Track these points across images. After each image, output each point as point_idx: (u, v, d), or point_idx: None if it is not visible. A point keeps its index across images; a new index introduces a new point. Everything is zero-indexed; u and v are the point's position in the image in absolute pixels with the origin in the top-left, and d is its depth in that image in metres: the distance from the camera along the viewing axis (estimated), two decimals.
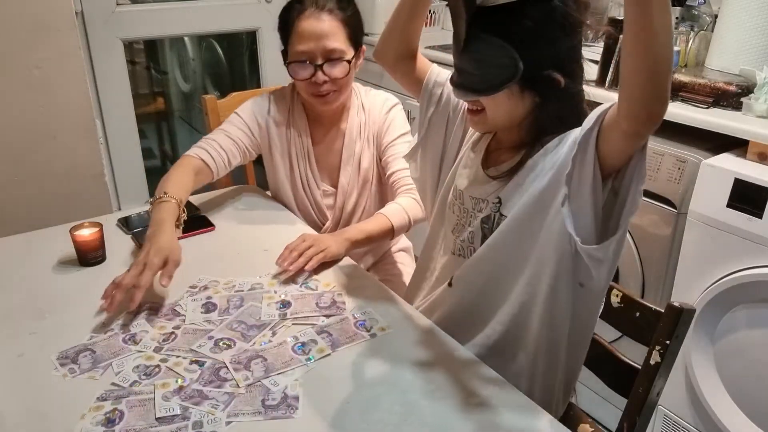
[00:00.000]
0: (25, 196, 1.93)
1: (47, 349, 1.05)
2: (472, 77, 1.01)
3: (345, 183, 1.58)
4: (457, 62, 1.03)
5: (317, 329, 1.10)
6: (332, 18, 1.43)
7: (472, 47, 0.99)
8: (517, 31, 0.95)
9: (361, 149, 1.57)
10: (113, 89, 2.53)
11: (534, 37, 0.96)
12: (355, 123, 1.57)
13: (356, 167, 1.58)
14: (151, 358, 1.03)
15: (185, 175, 1.41)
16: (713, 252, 1.56)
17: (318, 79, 1.44)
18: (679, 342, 1.03)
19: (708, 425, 1.65)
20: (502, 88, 0.98)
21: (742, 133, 1.54)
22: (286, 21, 1.47)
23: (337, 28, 1.44)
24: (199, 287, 1.22)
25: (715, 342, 1.61)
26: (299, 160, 1.58)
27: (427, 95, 1.23)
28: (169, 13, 2.64)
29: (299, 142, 1.57)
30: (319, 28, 1.42)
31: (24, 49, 1.83)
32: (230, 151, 1.50)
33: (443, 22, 2.95)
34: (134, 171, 2.67)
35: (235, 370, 0.99)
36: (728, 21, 1.80)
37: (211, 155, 1.47)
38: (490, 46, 0.97)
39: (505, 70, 0.97)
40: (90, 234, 1.29)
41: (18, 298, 1.20)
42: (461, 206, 1.17)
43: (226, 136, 1.51)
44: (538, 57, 0.96)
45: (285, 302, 1.18)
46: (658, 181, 1.66)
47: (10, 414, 0.91)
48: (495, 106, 1.03)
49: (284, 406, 0.93)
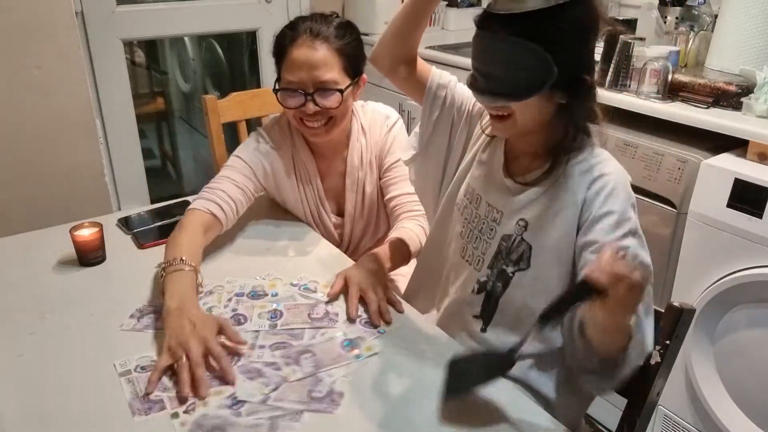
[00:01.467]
0: (25, 196, 1.93)
1: (47, 349, 1.06)
2: (502, 82, 0.98)
3: (351, 210, 1.52)
4: (481, 67, 1.00)
5: (301, 348, 1.06)
6: (327, 47, 1.34)
7: (501, 52, 0.97)
8: (553, 34, 0.94)
9: (365, 175, 1.50)
10: (113, 89, 2.53)
11: (568, 39, 0.96)
12: (356, 149, 1.49)
13: (361, 194, 1.51)
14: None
15: (196, 235, 1.27)
16: (713, 252, 1.56)
17: (308, 110, 1.36)
18: (679, 342, 1.03)
19: (708, 425, 1.65)
20: (536, 92, 0.97)
21: (742, 133, 1.54)
22: (279, 47, 1.39)
23: (332, 57, 1.35)
24: (205, 292, 1.22)
25: (715, 342, 1.61)
26: (308, 195, 1.50)
27: (430, 98, 1.20)
28: (169, 13, 2.64)
29: (305, 173, 1.49)
30: (311, 57, 1.34)
31: (24, 49, 1.83)
32: (239, 201, 1.38)
33: (443, 22, 2.95)
34: (134, 171, 2.67)
35: (286, 364, 1.01)
36: (728, 21, 1.80)
37: (221, 207, 1.33)
38: (524, 50, 0.95)
39: (539, 73, 0.95)
40: (90, 234, 1.29)
41: (18, 298, 1.20)
42: (475, 210, 1.15)
43: (233, 184, 1.38)
44: (570, 59, 0.96)
45: (277, 312, 1.16)
46: (658, 181, 1.66)
47: (10, 414, 0.91)
48: (525, 110, 1.00)
49: (328, 401, 0.94)
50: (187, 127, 3.79)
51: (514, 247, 1.09)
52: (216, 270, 1.28)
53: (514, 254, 1.09)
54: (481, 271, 1.14)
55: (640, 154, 1.69)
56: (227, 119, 1.81)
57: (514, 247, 1.09)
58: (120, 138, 2.59)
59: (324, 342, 1.08)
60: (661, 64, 1.72)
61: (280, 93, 1.38)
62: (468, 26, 1.79)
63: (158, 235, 1.43)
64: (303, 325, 1.12)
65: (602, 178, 1.02)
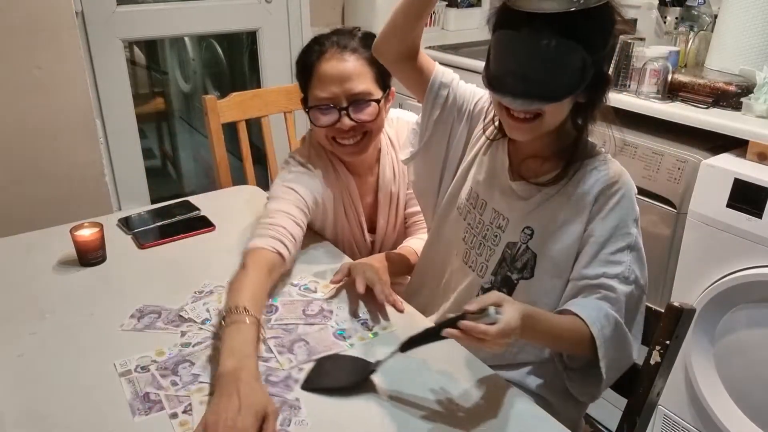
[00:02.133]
0: (25, 196, 1.93)
1: (47, 349, 1.06)
2: (541, 84, 0.94)
3: (383, 225, 1.46)
4: (515, 68, 0.96)
5: (295, 336, 1.08)
6: (357, 57, 1.27)
7: (546, 52, 0.93)
8: (592, 34, 0.94)
9: (398, 189, 1.45)
10: (113, 89, 2.53)
11: (603, 38, 0.96)
12: (388, 163, 1.42)
13: (394, 208, 1.46)
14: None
15: (261, 278, 1.13)
16: (713, 252, 1.56)
17: (344, 126, 1.27)
18: (679, 342, 1.03)
19: (708, 425, 1.65)
20: (574, 92, 0.96)
21: (741, 133, 1.54)
22: (305, 64, 1.31)
23: (363, 67, 1.27)
24: (205, 292, 1.21)
25: (715, 342, 1.61)
26: (350, 218, 1.43)
27: (432, 97, 1.17)
28: (169, 13, 2.64)
29: (346, 194, 1.40)
30: (342, 69, 1.26)
31: (24, 49, 1.83)
32: (298, 237, 1.26)
33: (443, 23, 2.95)
34: (134, 171, 2.67)
35: (279, 353, 1.04)
36: (728, 21, 1.80)
37: (286, 246, 1.21)
38: (568, 50, 0.93)
39: (578, 73, 0.94)
40: (90, 234, 1.29)
41: (18, 298, 1.20)
42: (479, 216, 1.14)
43: (292, 220, 1.25)
44: (602, 57, 0.97)
45: (273, 307, 1.16)
46: (658, 181, 1.66)
47: (10, 414, 0.91)
48: (557, 111, 0.99)
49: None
50: (187, 127, 3.79)
51: (519, 255, 1.09)
52: (217, 270, 1.28)
53: (519, 262, 1.09)
54: (484, 278, 1.13)
55: (640, 154, 1.69)
56: (227, 119, 1.81)
57: (519, 255, 1.09)
58: (120, 138, 2.59)
59: (317, 332, 1.10)
60: (661, 64, 1.72)
61: (312, 112, 1.30)
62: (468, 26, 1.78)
63: (158, 235, 1.43)
64: (297, 321, 1.13)
65: (611, 188, 1.03)
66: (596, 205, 1.03)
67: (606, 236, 1.02)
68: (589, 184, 1.03)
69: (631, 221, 1.03)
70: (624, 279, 1.01)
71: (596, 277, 1.01)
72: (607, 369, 0.98)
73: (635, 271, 1.02)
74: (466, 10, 2.93)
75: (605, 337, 0.97)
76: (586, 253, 1.03)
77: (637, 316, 1.05)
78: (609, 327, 0.98)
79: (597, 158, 1.05)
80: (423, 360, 1.03)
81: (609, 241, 1.02)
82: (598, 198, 1.03)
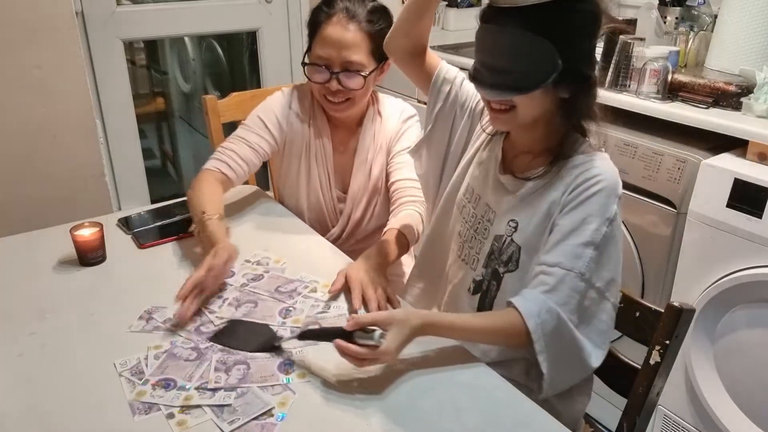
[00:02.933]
0: (25, 196, 1.93)
1: (47, 349, 1.06)
2: (509, 75, 0.99)
3: (356, 189, 1.56)
4: (487, 60, 1.02)
5: (240, 357, 1.03)
6: (358, 29, 1.40)
7: (510, 44, 0.98)
8: (559, 28, 0.95)
9: (373, 157, 1.55)
10: (113, 89, 2.53)
11: (575, 33, 0.97)
12: (369, 130, 1.54)
13: (367, 174, 1.55)
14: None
15: (213, 189, 1.39)
16: (713, 252, 1.56)
17: (332, 87, 1.42)
18: (679, 342, 1.03)
19: (708, 425, 1.65)
20: (541, 85, 0.98)
21: (741, 133, 1.54)
22: (314, 22, 1.44)
23: (362, 40, 1.40)
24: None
25: (715, 342, 1.61)
26: (318, 161, 1.54)
27: (435, 91, 1.23)
28: (169, 13, 2.64)
29: (319, 144, 1.54)
30: (342, 37, 1.39)
31: (24, 49, 1.83)
32: (250, 161, 1.47)
33: (443, 22, 2.95)
34: (134, 171, 2.67)
35: (215, 370, 1.00)
36: (728, 21, 1.80)
37: (231, 167, 1.44)
38: (531, 43, 0.96)
39: (544, 66, 0.96)
40: (90, 234, 1.29)
41: (18, 298, 1.20)
42: (473, 210, 1.16)
43: (246, 144, 1.48)
44: (575, 53, 0.97)
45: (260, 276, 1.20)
46: (657, 181, 1.66)
47: (10, 413, 0.92)
48: (528, 103, 1.01)
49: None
50: (187, 127, 3.78)
51: (505, 248, 1.10)
52: None
53: (505, 255, 1.10)
54: (476, 271, 1.15)
55: (639, 154, 1.69)
56: (227, 119, 1.81)
57: (505, 248, 1.10)
58: (120, 138, 2.59)
59: (263, 359, 1.03)
60: (661, 64, 1.72)
61: (308, 67, 1.44)
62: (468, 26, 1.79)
63: (158, 235, 1.43)
64: (266, 294, 1.19)
65: (588, 182, 1.01)
66: (570, 196, 1.02)
67: (571, 227, 1.00)
68: (570, 179, 1.03)
69: (601, 219, 1.00)
70: (579, 275, 0.98)
71: (552, 265, 1.00)
72: (549, 366, 0.97)
73: (593, 271, 0.99)
74: (466, 10, 2.93)
75: (545, 332, 0.96)
76: (549, 241, 1.02)
77: (596, 321, 1.01)
78: (551, 322, 0.97)
79: (587, 155, 1.04)
80: (421, 358, 1.03)
81: (573, 233, 1.00)
82: (574, 190, 1.02)
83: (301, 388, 0.97)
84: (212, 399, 0.94)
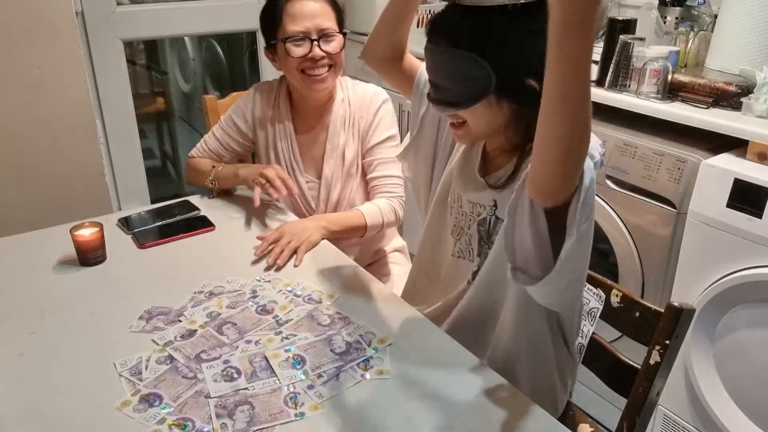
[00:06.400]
0: (25, 196, 1.93)
1: (47, 349, 1.06)
2: (447, 92, 1.01)
3: (329, 174, 1.59)
4: (431, 77, 1.04)
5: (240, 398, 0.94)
6: (322, 1, 1.50)
7: (443, 63, 1.00)
8: (486, 43, 0.95)
9: (345, 141, 1.58)
10: (113, 89, 2.53)
11: (504, 47, 0.95)
12: (339, 115, 1.57)
13: (340, 159, 1.58)
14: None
15: (209, 160, 1.64)
16: (713, 252, 1.56)
17: (315, 55, 1.48)
18: (679, 342, 1.03)
19: (708, 425, 1.65)
20: (478, 101, 0.99)
21: (741, 133, 1.54)
22: (272, 10, 1.50)
23: (327, 8, 1.51)
24: (204, 293, 1.21)
25: (715, 342, 1.61)
26: (283, 149, 1.60)
27: (418, 95, 1.22)
28: (169, 13, 2.64)
29: (282, 131, 1.60)
30: (312, 7, 1.48)
31: (24, 49, 1.83)
32: (218, 154, 1.65)
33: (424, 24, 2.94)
34: (134, 171, 2.67)
35: (217, 416, 0.91)
36: (728, 21, 1.80)
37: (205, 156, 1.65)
38: (462, 61, 0.97)
39: (478, 82, 0.97)
40: (90, 234, 1.29)
41: (18, 298, 1.20)
42: (459, 209, 1.17)
43: (216, 139, 1.65)
44: (511, 66, 0.96)
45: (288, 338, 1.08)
46: (657, 181, 1.66)
47: (10, 414, 0.92)
48: (475, 117, 1.03)
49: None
50: (187, 127, 3.78)
51: (491, 228, 1.10)
52: (217, 270, 1.29)
53: (494, 236, 1.10)
54: (474, 262, 1.16)
55: (639, 154, 1.69)
56: None
57: (491, 228, 1.10)
58: (120, 138, 2.59)
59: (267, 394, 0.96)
60: (661, 64, 1.72)
61: (288, 43, 1.48)
62: None
63: (158, 235, 1.43)
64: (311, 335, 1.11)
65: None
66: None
67: (522, 210, 0.95)
68: None
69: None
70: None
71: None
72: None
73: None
74: None
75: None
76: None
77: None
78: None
79: None
80: (419, 357, 1.03)
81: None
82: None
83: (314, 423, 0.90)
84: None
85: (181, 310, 1.16)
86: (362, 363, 1.02)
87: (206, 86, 3.67)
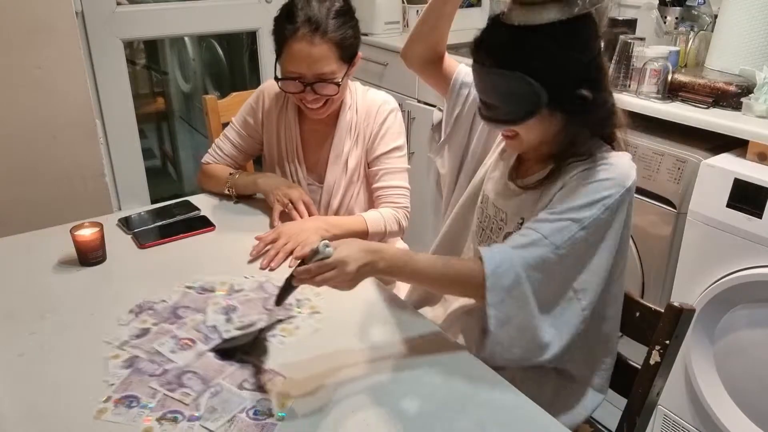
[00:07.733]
0: (25, 197, 1.93)
1: (47, 349, 1.06)
2: (498, 110, 1.02)
3: (331, 180, 1.57)
4: (481, 96, 1.04)
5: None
6: (324, 41, 1.37)
7: (491, 82, 1.01)
8: (533, 61, 0.95)
9: (350, 149, 1.56)
10: (113, 89, 2.53)
11: (551, 63, 0.96)
12: (346, 122, 1.55)
13: (343, 166, 1.56)
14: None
15: (224, 166, 1.63)
16: (713, 252, 1.56)
17: (307, 98, 1.44)
18: (679, 342, 1.03)
19: (708, 425, 1.65)
20: (530, 117, 0.99)
21: (741, 133, 1.54)
22: (279, 36, 1.42)
23: (330, 51, 1.39)
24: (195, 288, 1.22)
25: (714, 342, 1.61)
26: (288, 151, 1.59)
27: (454, 95, 1.24)
28: (169, 13, 2.64)
29: (288, 134, 1.58)
30: (310, 53, 1.37)
31: (24, 49, 1.83)
32: (232, 156, 1.64)
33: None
34: (134, 171, 2.67)
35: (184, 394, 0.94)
36: (728, 21, 1.80)
37: (216, 160, 1.64)
38: (510, 80, 0.97)
39: (529, 99, 0.97)
40: (90, 234, 1.29)
41: (18, 298, 1.20)
42: (485, 211, 1.18)
43: (229, 141, 1.64)
44: (560, 80, 0.97)
45: (231, 307, 1.16)
46: (657, 181, 1.66)
47: (10, 414, 0.92)
48: (528, 131, 1.03)
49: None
50: (187, 127, 3.79)
51: None
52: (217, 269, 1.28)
53: None
54: None
55: (640, 154, 1.69)
56: (227, 119, 1.80)
57: None
58: (120, 138, 2.59)
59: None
60: (661, 64, 1.72)
61: (281, 82, 1.45)
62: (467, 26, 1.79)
63: (158, 235, 1.43)
64: (260, 316, 1.14)
65: (591, 169, 1.00)
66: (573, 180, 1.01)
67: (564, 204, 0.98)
68: (575, 171, 1.01)
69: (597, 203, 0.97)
70: (553, 246, 0.96)
71: (529, 227, 0.99)
72: (496, 323, 0.95)
73: (570, 251, 0.96)
74: (466, 10, 2.93)
75: (501, 285, 0.95)
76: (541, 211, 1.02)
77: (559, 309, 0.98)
78: (510, 276, 0.95)
79: (595, 155, 1.02)
80: (418, 356, 1.03)
81: (564, 209, 0.98)
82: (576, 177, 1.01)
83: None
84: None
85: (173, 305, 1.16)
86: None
87: (206, 86, 3.67)
